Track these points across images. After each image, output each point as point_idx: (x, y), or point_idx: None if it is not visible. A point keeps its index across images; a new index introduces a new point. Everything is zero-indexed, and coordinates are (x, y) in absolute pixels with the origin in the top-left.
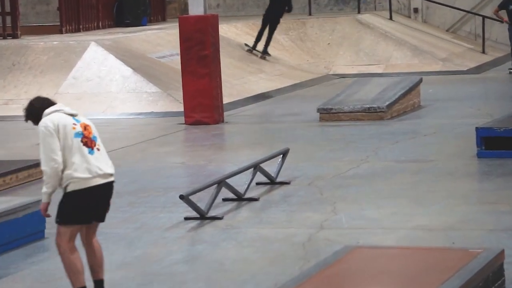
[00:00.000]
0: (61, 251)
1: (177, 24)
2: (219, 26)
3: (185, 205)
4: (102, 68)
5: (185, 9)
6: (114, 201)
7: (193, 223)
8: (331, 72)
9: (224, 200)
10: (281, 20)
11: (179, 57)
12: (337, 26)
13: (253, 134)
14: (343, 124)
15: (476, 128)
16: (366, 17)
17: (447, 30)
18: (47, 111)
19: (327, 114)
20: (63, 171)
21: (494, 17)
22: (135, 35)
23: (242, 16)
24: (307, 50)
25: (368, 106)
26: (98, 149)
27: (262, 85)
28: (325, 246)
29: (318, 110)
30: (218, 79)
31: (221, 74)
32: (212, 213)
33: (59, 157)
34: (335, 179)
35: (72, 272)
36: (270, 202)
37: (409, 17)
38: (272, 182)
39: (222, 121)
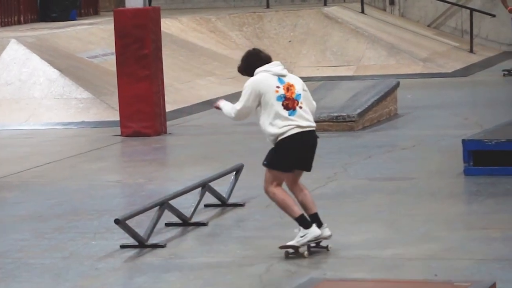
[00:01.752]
0: (271, 195)
1: (112, 18)
2: (161, 20)
3: (121, 231)
4: (24, 70)
5: (121, 0)
6: (38, 226)
7: (131, 252)
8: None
9: (167, 225)
10: (233, 14)
11: (114, 57)
12: (299, 21)
13: (201, 148)
14: None
15: (463, 140)
16: (333, 10)
17: (428, 26)
18: (258, 69)
19: None
20: (264, 130)
21: (484, 10)
22: (63, 31)
23: (188, 9)
24: (265, 49)
25: (336, 114)
26: (300, 107)
27: (212, 90)
28: (286, 279)
29: None
30: (160, 82)
31: (164, 76)
32: (153, 240)
33: (248, 116)
34: None
35: (286, 206)
36: (221, 227)
37: (384, 10)
38: (223, 204)
39: (165, 132)
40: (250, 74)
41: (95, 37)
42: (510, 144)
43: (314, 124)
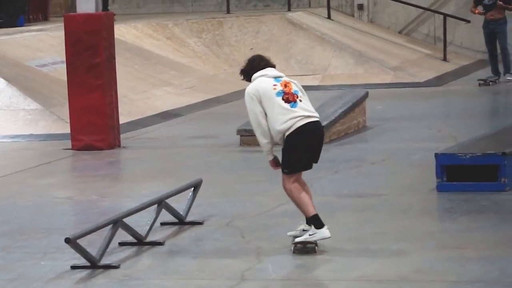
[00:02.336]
0: (288, 192)
1: (62, 24)
2: (115, 26)
3: (72, 250)
4: None
5: (72, 5)
6: None
7: (82, 273)
8: None
9: (121, 244)
10: (191, 20)
11: (64, 66)
12: (262, 27)
13: (157, 162)
14: None
15: (436, 154)
16: (298, 15)
17: (399, 32)
18: (255, 75)
19: (250, 137)
20: (273, 130)
21: (458, 15)
22: (10, 38)
23: (143, 15)
24: (225, 57)
25: None
26: (300, 100)
27: (168, 100)
28: None
29: (239, 131)
30: (114, 93)
31: (118, 86)
32: (105, 260)
33: (263, 120)
34: (260, 218)
35: (303, 204)
36: (179, 247)
37: (352, 15)
38: (180, 222)
39: (119, 146)
40: (249, 78)
41: (44, 44)
42: (485, 158)
43: (318, 115)
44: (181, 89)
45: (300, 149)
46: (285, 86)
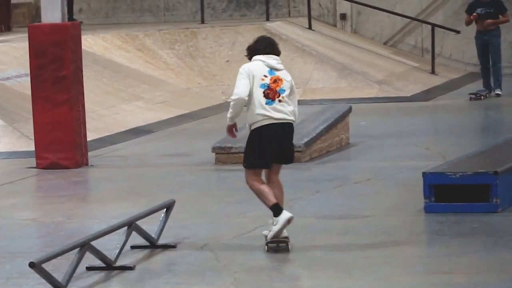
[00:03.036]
0: (249, 185)
1: (26, 35)
2: (82, 37)
3: (36, 275)
4: None
5: (36, 15)
6: None
7: None
8: (230, 99)
9: (89, 268)
10: (164, 30)
11: (28, 79)
12: (239, 38)
13: (127, 182)
14: None
15: (424, 173)
16: (277, 25)
17: (384, 43)
18: (255, 57)
19: (226, 155)
20: (247, 110)
21: (446, 25)
22: None
23: (112, 25)
24: (199, 69)
25: None
26: (280, 101)
27: (139, 116)
28: None
29: (214, 149)
30: (81, 108)
31: (85, 101)
32: (72, 286)
33: (243, 95)
34: (236, 240)
35: (262, 195)
36: (150, 272)
37: (335, 25)
38: (152, 245)
39: (86, 164)
40: (250, 58)
41: (7, 56)
42: (476, 177)
43: (290, 118)
44: (152, 104)
45: (257, 147)
46: (274, 81)
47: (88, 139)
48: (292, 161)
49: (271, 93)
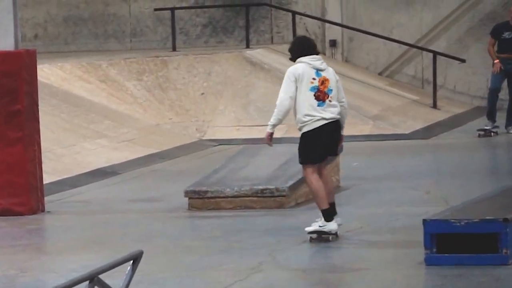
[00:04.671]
0: (308, 182)
1: None
2: (38, 67)
3: None
4: None
5: None
6: None
7: None
8: (206, 137)
9: None
10: (130, 59)
11: None
12: (215, 67)
13: (89, 230)
14: (224, 214)
15: (424, 220)
16: (258, 53)
17: (379, 74)
18: (300, 59)
19: (200, 200)
20: (295, 115)
21: (450, 53)
22: None
23: (72, 53)
24: (170, 103)
25: (261, 187)
26: (330, 101)
27: (102, 155)
28: None
29: (187, 193)
30: (37, 147)
31: (41, 139)
32: None
33: (289, 102)
34: None
35: (318, 197)
36: None
37: (324, 53)
38: None
39: (43, 210)
40: (294, 59)
41: None
42: (484, 225)
43: (338, 117)
44: (117, 142)
45: (312, 146)
46: (322, 83)
47: (45, 182)
48: (336, 153)
49: (321, 95)
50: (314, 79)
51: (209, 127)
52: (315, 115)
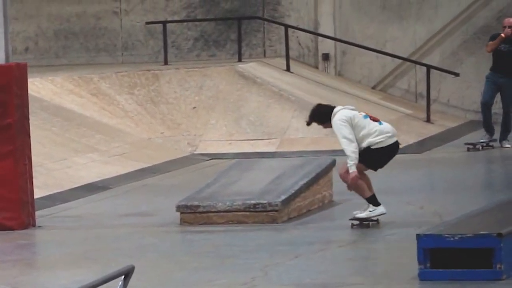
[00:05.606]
0: (349, 181)
1: None
2: (29, 81)
3: None
4: None
5: None
6: None
7: None
8: (197, 151)
9: None
10: (122, 73)
11: None
12: (206, 81)
13: (80, 245)
14: (216, 229)
15: (418, 235)
16: (250, 67)
17: (373, 88)
18: (335, 110)
19: (192, 214)
20: (362, 141)
21: (444, 67)
22: None
23: (63, 66)
24: (162, 117)
25: (254, 202)
26: (381, 121)
27: (94, 170)
28: None
29: (179, 208)
30: (27, 161)
31: (32, 153)
32: None
33: (354, 140)
34: None
35: (361, 189)
36: None
37: (316, 67)
38: None
39: (34, 225)
40: (322, 120)
41: None
42: (478, 240)
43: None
44: (109, 157)
45: (381, 159)
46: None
47: (36, 196)
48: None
49: (372, 117)
50: (359, 113)
51: (201, 141)
52: (385, 134)
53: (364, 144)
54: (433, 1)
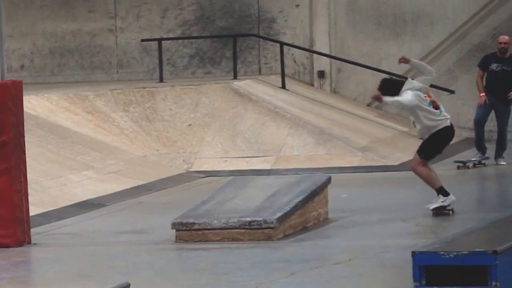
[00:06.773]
0: (417, 172)
1: None
2: (24, 98)
3: None
4: None
5: None
6: None
7: None
8: (193, 169)
9: None
10: (117, 90)
11: None
12: (202, 99)
13: (75, 263)
14: (211, 246)
15: (413, 252)
16: (246, 84)
17: (368, 105)
18: (405, 88)
19: (187, 232)
20: (426, 123)
21: (439, 85)
22: None
23: (58, 84)
24: (157, 134)
25: (249, 219)
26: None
27: (89, 187)
28: None
29: (174, 225)
30: (23, 178)
31: (28, 171)
32: None
33: (410, 103)
34: None
35: (431, 180)
36: None
37: (312, 84)
38: None
39: (29, 242)
40: (392, 92)
41: None
42: (473, 257)
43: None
44: (104, 174)
45: (440, 144)
46: (429, 96)
47: (31, 214)
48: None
49: (435, 104)
50: (425, 96)
51: (196, 159)
52: (441, 118)
53: (421, 127)
54: (428, 19)
